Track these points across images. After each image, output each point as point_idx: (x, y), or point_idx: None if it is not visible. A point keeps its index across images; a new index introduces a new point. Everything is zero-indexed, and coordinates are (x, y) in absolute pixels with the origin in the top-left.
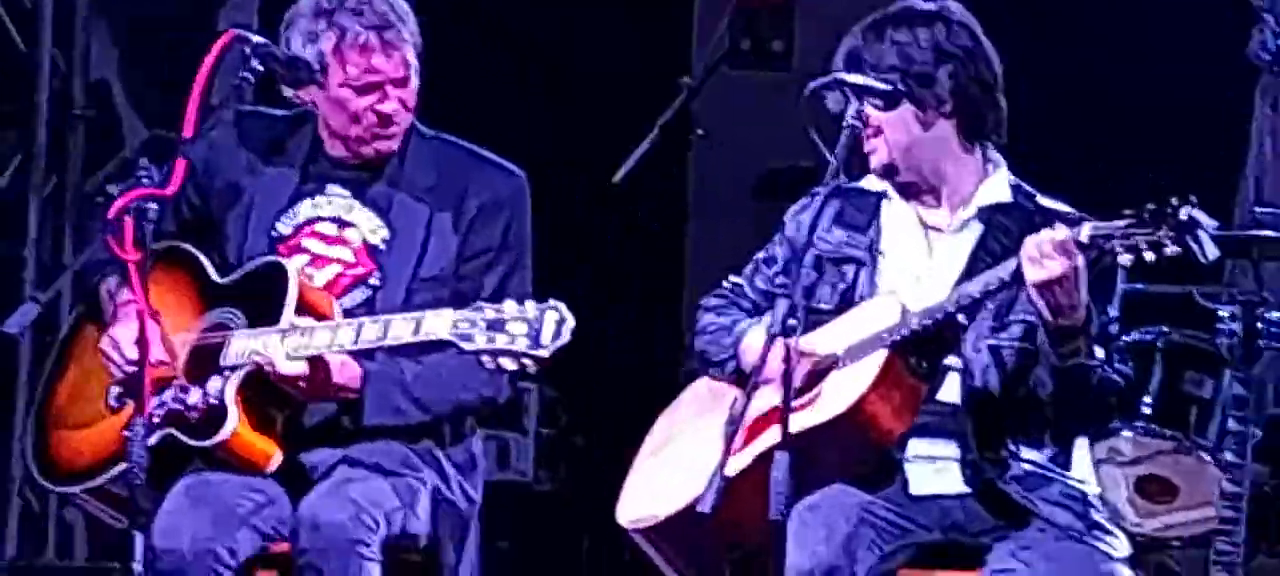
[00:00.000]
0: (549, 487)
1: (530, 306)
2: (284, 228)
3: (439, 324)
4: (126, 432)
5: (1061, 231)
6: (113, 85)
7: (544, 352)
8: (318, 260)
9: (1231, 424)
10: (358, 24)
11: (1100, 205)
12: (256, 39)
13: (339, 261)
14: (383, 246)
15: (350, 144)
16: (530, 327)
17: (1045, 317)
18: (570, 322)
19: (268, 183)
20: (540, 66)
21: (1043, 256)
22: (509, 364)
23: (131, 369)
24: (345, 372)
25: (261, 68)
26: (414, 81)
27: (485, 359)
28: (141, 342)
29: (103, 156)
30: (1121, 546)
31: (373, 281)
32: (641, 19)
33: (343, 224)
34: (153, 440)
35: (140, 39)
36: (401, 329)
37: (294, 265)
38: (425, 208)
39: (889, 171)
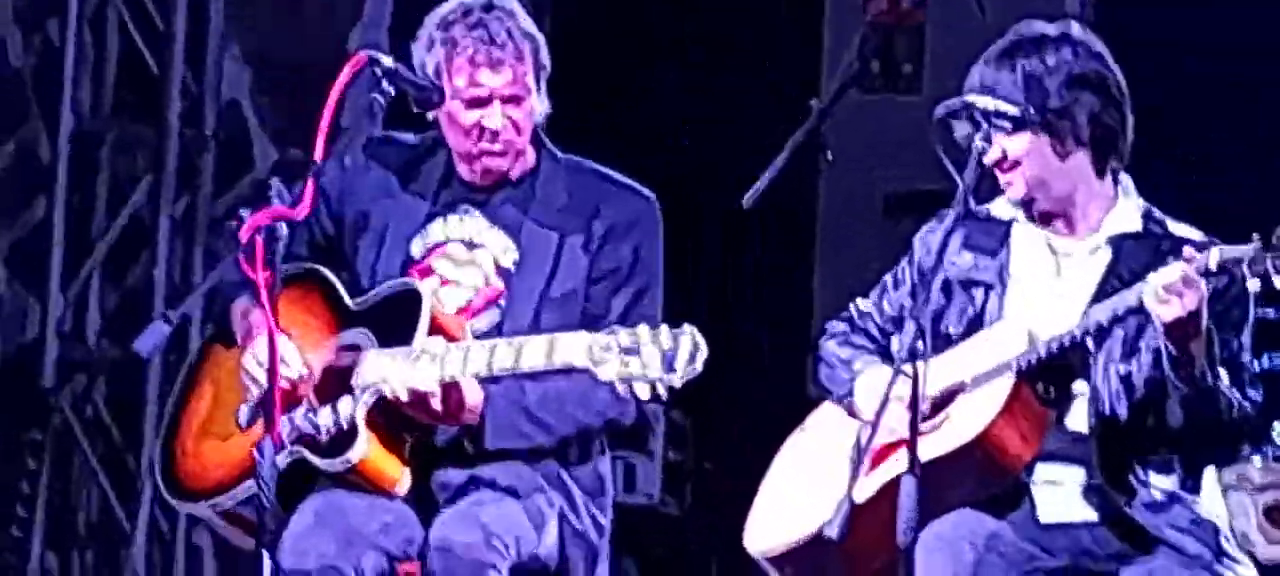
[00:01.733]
0: (676, 511)
1: (664, 332)
2: (416, 249)
3: (574, 348)
4: (256, 452)
5: (1179, 268)
6: (244, 106)
7: (676, 378)
8: (448, 282)
9: None
10: (470, 37)
11: (1230, 229)
12: (387, 61)
13: (470, 285)
14: (513, 268)
15: (465, 160)
16: (664, 354)
17: (1170, 349)
18: (704, 350)
19: (401, 207)
20: (671, 88)
21: (1170, 295)
22: (643, 390)
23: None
24: (473, 398)
25: (392, 90)
26: (530, 102)
27: (619, 385)
28: (271, 362)
29: (233, 178)
30: (1250, 575)
31: (502, 303)
32: (771, 41)
33: (473, 245)
34: (282, 460)
35: (272, 61)
36: (534, 354)
37: (427, 287)
38: (555, 230)
39: (1026, 204)
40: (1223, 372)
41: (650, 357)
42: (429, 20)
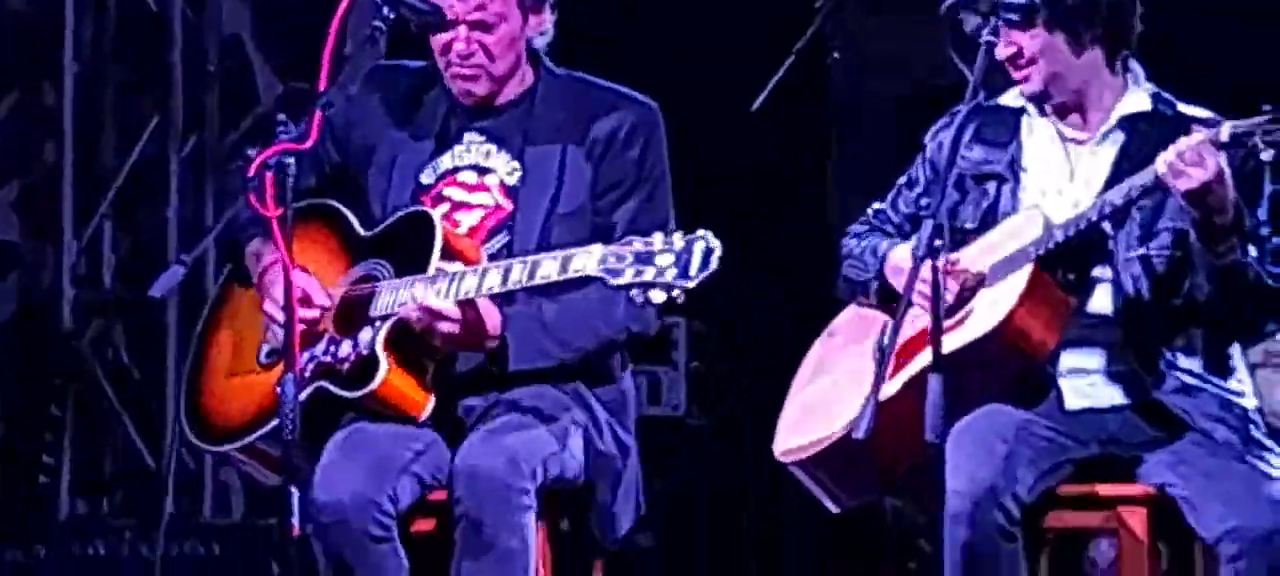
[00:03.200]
0: (703, 421)
1: (677, 237)
2: (426, 178)
3: (587, 260)
4: (279, 388)
5: (1196, 137)
6: (245, 40)
7: (692, 282)
8: (460, 207)
9: None
10: None
11: (1243, 107)
12: None
13: (480, 207)
14: (518, 186)
15: (449, 82)
16: (678, 258)
17: (1196, 220)
18: (718, 250)
19: (408, 135)
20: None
21: (1185, 165)
22: (658, 296)
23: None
24: (491, 320)
25: (392, 15)
26: (507, 27)
27: (634, 293)
28: (287, 298)
29: (239, 112)
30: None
31: (510, 222)
32: None
33: (482, 170)
34: (304, 395)
35: None
36: (549, 267)
37: (438, 212)
38: (557, 144)
39: (1041, 98)
40: (1249, 246)
41: (665, 263)
42: None
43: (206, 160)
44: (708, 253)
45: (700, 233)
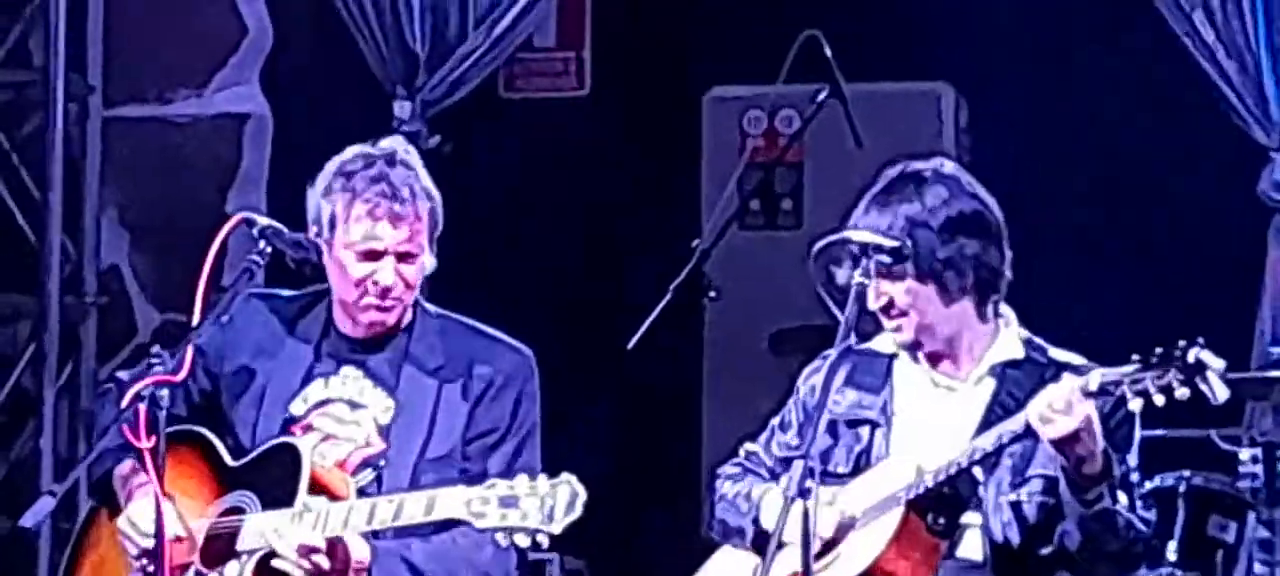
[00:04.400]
0: None
1: (542, 481)
2: (297, 408)
3: (452, 502)
4: None
5: (1065, 386)
6: (123, 271)
7: (556, 527)
8: (330, 438)
9: (1258, 567)
10: (372, 189)
11: (1114, 352)
12: (263, 221)
13: (350, 441)
14: (390, 425)
15: (350, 311)
16: (542, 503)
17: (1066, 468)
18: (583, 496)
19: (281, 363)
20: (551, 234)
21: (1054, 413)
22: (522, 540)
23: (148, 546)
24: (358, 553)
25: (269, 249)
26: (422, 260)
27: (499, 535)
28: (158, 530)
29: (116, 343)
30: None
31: (381, 462)
32: (651, 183)
33: (355, 405)
34: None
35: (149, 224)
36: (414, 508)
37: (307, 444)
38: (432, 386)
39: (913, 347)
40: (1119, 493)
41: (529, 507)
42: (329, 167)
43: (82, 390)
44: (572, 497)
45: (564, 477)
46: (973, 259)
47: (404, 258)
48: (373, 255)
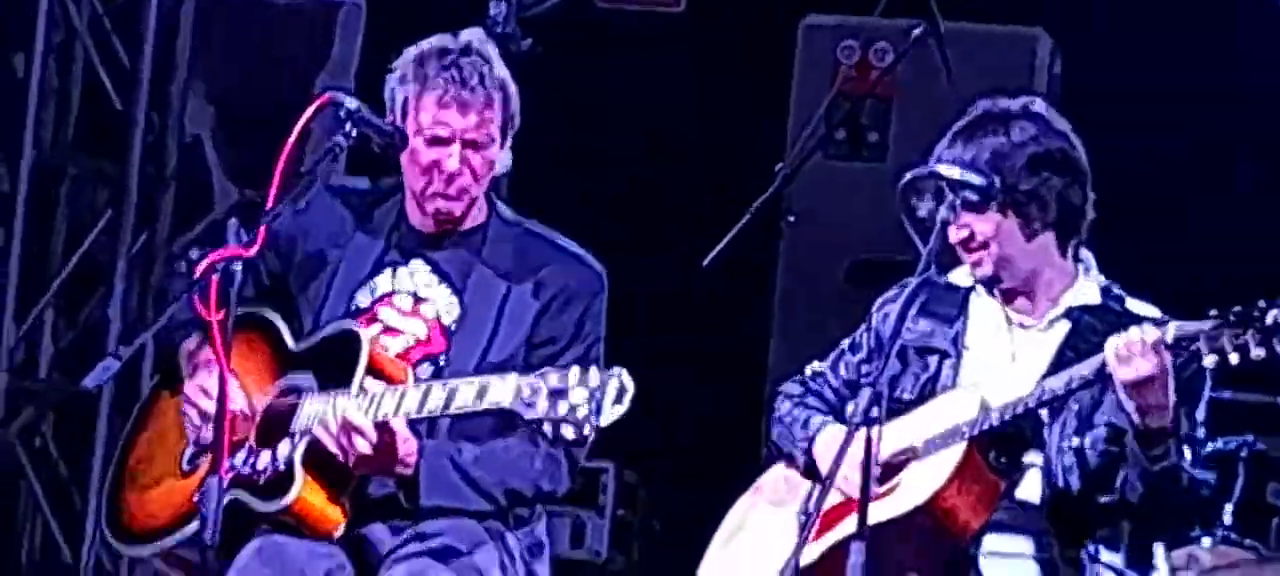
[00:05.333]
0: (622, 569)
1: (593, 373)
2: (363, 299)
3: (503, 390)
4: (197, 497)
5: (1149, 331)
6: (206, 146)
7: (604, 419)
8: (392, 331)
9: None
10: (442, 76)
11: (1193, 310)
12: (351, 104)
13: (412, 335)
14: (454, 326)
15: (419, 201)
16: (592, 395)
17: (1134, 419)
18: (631, 390)
19: (352, 254)
20: (636, 150)
21: (1131, 355)
22: (569, 432)
23: (209, 422)
24: (406, 447)
25: (354, 133)
26: (492, 151)
27: (546, 427)
28: (220, 402)
29: (192, 217)
30: None
31: (441, 360)
32: (738, 105)
33: (419, 299)
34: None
35: (236, 101)
36: (466, 394)
37: (368, 333)
38: (500, 292)
39: (991, 282)
40: (1185, 449)
41: (578, 399)
42: (406, 54)
43: (154, 260)
44: (621, 391)
45: (614, 370)
46: (1057, 195)
47: (471, 145)
48: (440, 141)
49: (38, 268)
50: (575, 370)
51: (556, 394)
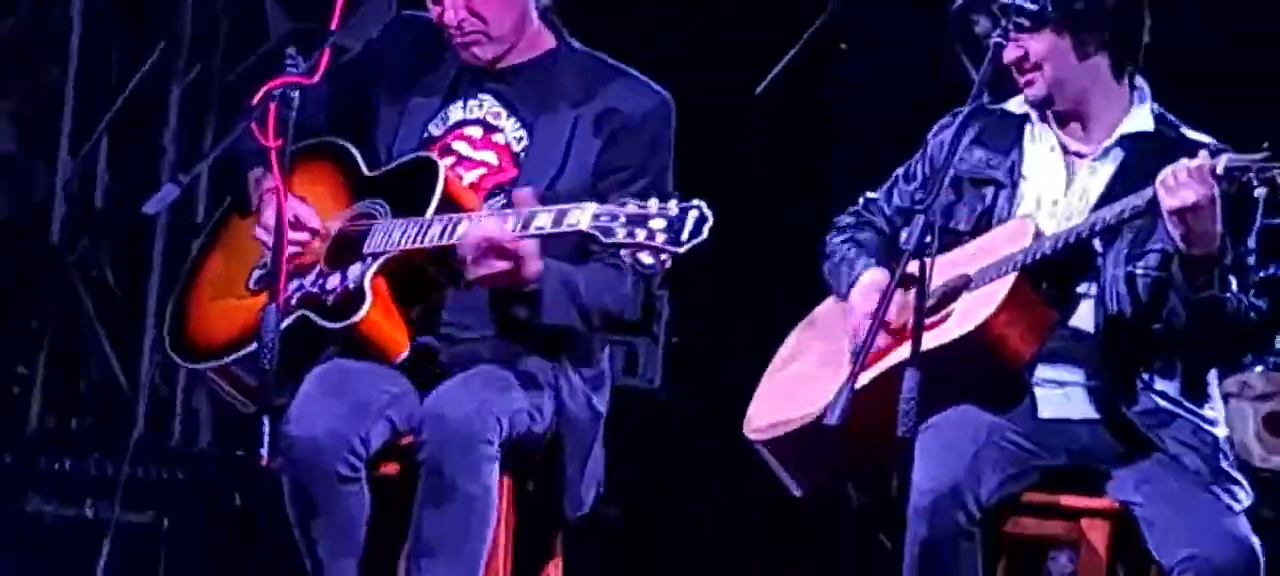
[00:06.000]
0: (676, 397)
1: (672, 204)
2: (435, 129)
3: (581, 216)
4: (262, 314)
5: (1199, 159)
6: None
7: (682, 248)
8: (464, 162)
9: None
10: None
11: (1248, 141)
12: None
13: (484, 165)
14: (523, 155)
15: (458, 49)
16: (671, 223)
17: (1179, 246)
18: (710, 220)
19: (421, 85)
20: None
21: (1178, 184)
22: (647, 258)
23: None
24: (534, 265)
25: None
26: None
27: (624, 253)
28: (278, 230)
29: (246, 47)
30: (1245, 497)
31: (512, 189)
32: None
33: (490, 128)
34: (287, 322)
35: None
36: (543, 219)
37: (444, 163)
38: (568, 120)
39: (1044, 103)
40: (1231, 279)
41: (657, 226)
42: None
43: (210, 91)
44: (701, 221)
45: (695, 201)
46: (1111, 14)
47: None
48: None
49: (93, 97)
50: (653, 200)
51: (635, 221)
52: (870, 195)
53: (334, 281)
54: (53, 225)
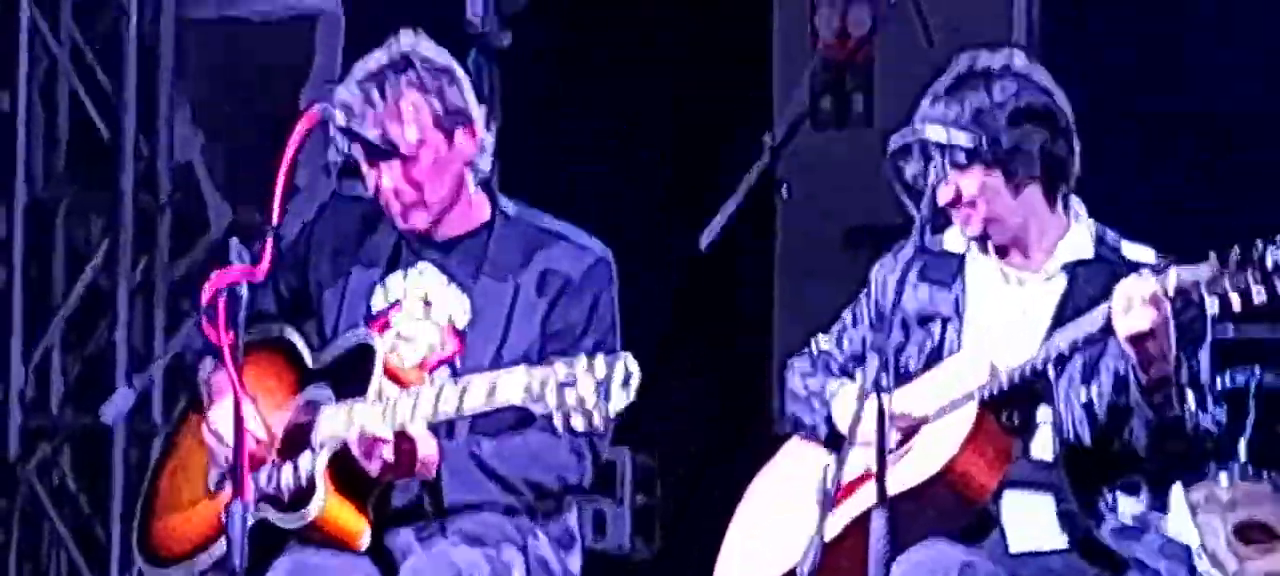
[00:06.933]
0: (647, 556)
1: (599, 361)
2: (377, 303)
3: (512, 386)
4: (225, 514)
5: (1150, 282)
6: (197, 168)
7: (613, 406)
8: (406, 338)
9: None
10: (352, 98)
11: (1188, 246)
12: (340, 117)
13: (426, 342)
14: (467, 329)
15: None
16: (599, 383)
17: (1136, 370)
18: (637, 374)
19: (362, 262)
20: (622, 133)
21: (1132, 307)
22: (579, 422)
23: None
24: (426, 450)
25: (348, 147)
26: (424, 155)
27: (558, 418)
28: (237, 425)
29: (189, 241)
30: None
31: (457, 364)
32: (721, 81)
33: (429, 303)
34: (248, 521)
35: (223, 122)
36: (477, 393)
37: (382, 342)
38: (509, 289)
39: (982, 239)
40: (1188, 393)
41: (586, 387)
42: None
43: (156, 286)
44: (628, 376)
45: (619, 354)
46: (1039, 146)
47: (395, 158)
48: (367, 162)
49: (40, 303)
50: (582, 359)
51: (564, 385)
52: (823, 345)
53: (287, 475)
54: (9, 434)
